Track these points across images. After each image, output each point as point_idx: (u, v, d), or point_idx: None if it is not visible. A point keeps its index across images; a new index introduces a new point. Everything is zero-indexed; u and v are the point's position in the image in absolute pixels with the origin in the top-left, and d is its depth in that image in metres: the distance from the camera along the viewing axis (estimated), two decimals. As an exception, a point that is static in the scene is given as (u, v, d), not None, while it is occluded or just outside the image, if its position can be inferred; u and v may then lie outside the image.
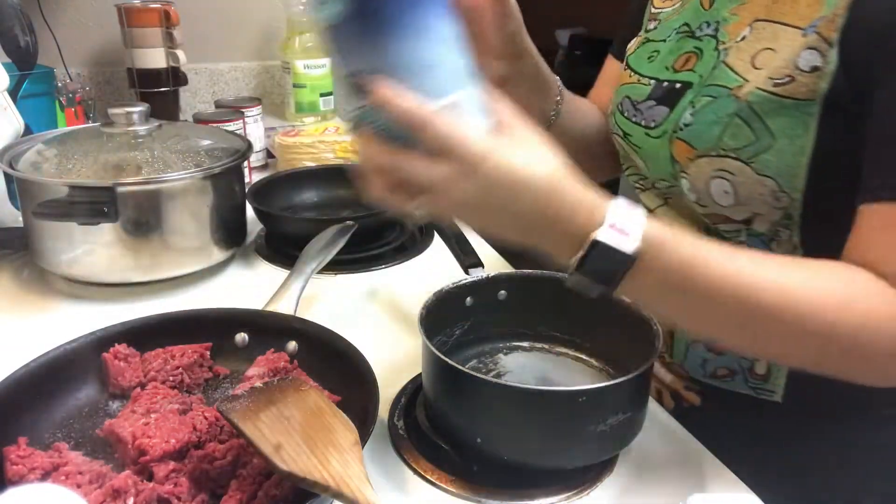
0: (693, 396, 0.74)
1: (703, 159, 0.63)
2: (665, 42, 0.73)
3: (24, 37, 1.08)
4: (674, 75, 0.69)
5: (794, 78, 0.57)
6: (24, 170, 0.84)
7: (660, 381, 0.78)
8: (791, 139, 0.58)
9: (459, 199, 0.48)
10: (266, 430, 0.48)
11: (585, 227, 0.48)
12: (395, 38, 0.47)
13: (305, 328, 0.66)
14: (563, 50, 4.12)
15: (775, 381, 0.68)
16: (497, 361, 0.70)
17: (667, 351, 0.77)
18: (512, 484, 0.56)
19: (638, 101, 0.72)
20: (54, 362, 0.60)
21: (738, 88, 0.61)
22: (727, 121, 0.61)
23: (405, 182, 0.48)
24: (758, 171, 0.60)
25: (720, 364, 0.71)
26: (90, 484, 0.50)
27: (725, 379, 0.71)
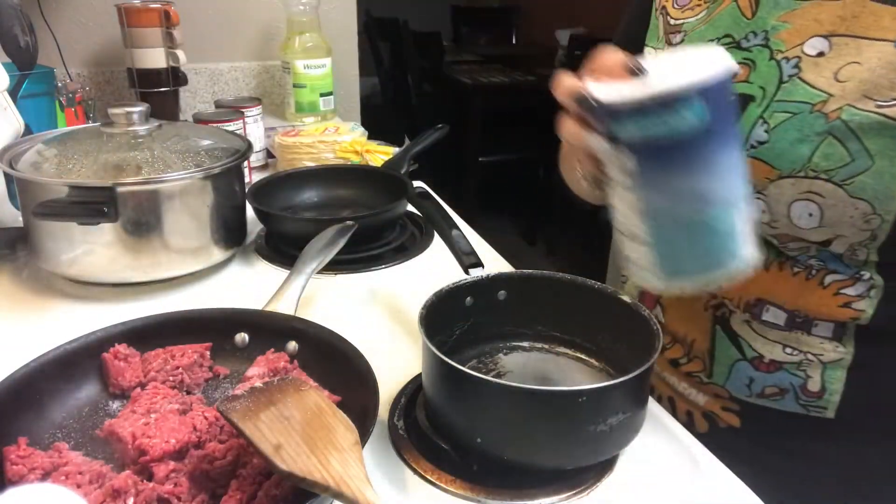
0: (732, 417, 0.72)
1: (786, 181, 0.60)
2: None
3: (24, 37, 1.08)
4: None
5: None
6: (24, 170, 0.84)
7: (691, 402, 0.76)
8: (892, 160, 0.56)
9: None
10: (266, 430, 0.48)
11: None
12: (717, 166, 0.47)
13: (305, 328, 0.66)
14: (563, 50, 4.12)
15: (829, 397, 0.66)
16: (497, 361, 0.70)
17: (703, 371, 0.74)
18: (512, 484, 0.56)
19: None
20: (54, 362, 0.60)
21: (822, 104, 0.58)
22: (817, 140, 0.58)
23: None
24: (851, 194, 0.57)
25: (769, 382, 0.69)
26: (90, 484, 0.50)
27: (774, 398, 0.69)
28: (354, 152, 1.26)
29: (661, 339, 0.59)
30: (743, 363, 0.70)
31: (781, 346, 0.67)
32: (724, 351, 0.71)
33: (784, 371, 0.68)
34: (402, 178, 1.11)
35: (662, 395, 0.80)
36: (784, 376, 0.68)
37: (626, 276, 0.83)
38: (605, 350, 0.69)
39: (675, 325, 0.77)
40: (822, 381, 0.66)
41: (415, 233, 1.07)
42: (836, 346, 0.65)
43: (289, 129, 1.34)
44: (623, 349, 0.66)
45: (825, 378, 0.66)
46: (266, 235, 1.04)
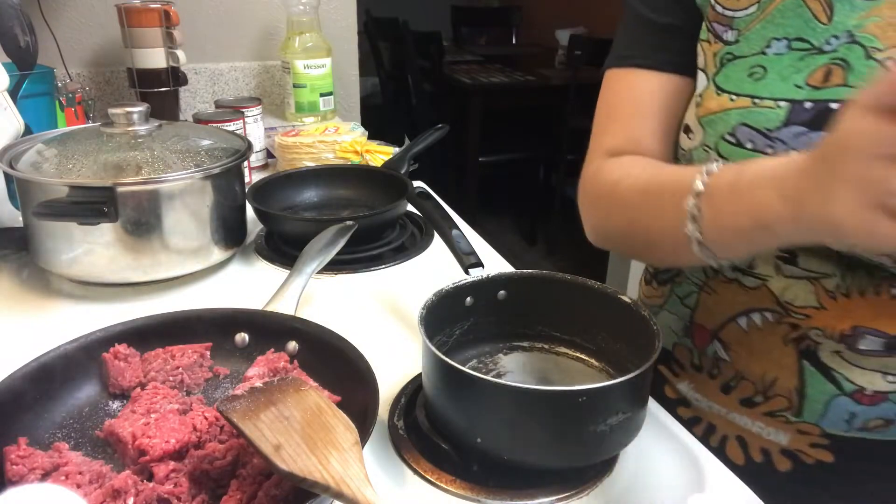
0: (823, 453, 0.67)
1: None
2: (766, 55, 0.62)
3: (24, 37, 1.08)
4: (816, 93, 0.58)
5: None
6: (24, 170, 0.84)
7: (769, 442, 0.70)
8: None
9: None
10: (266, 430, 0.48)
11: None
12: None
13: (305, 328, 0.66)
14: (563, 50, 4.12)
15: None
16: (497, 361, 0.70)
17: (789, 410, 0.68)
18: (512, 484, 0.56)
19: (771, 129, 0.59)
20: (54, 362, 0.60)
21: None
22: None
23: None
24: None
25: (874, 415, 0.64)
26: (90, 484, 0.50)
27: (879, 430, 0.65)
28: (354, 152, 1.26)
29: (661, 339, 0.59)
30: (842, 398, 0.64)
31: (882, 374, 0.63)
32: (818, 387, 0.65)
33: (889, 402, 0.63)
34: (402, 178, 1.11)
35: (729, 434, 0.73)
36: (890, 407, 0.63)
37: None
38: (605, 350, 0.69)
39: (743, 363, 0.70)
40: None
41: (415, 233, 1.07)
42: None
43: (289, 129, 1.34)
44: (623, 349, 0.66)
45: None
46: (266, 235, 1.04)
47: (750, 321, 0.68)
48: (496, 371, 0.69)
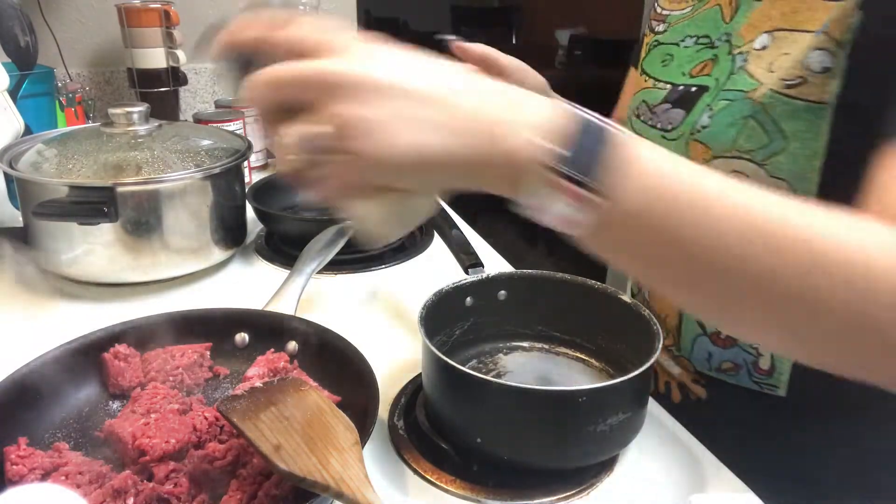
0: (699, 389, 0.75)
1: (718, 160, 0.64)
2: (679, 46, 0.74)
3: (24, 37, 1.08)
4: (689, 80, 0.70)
5: (805, 79, 0.58)
6: (24, 170, 0.84)
7: (668, 373, 0.79)
8: (803, 142, 0.59)
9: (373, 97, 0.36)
10: (266, 430, 0.48)
11: (550, 102, 0.38)
12: None
13: (305, 328, 0.66)
14: (563, 50, 4.12)
15: (779, 376, 0.68)
16: (497, 361, 0.70)
17: (674, 344, 0.77)
18: (512, 484, 0.56)
19: (654, 105, 0.73)
20: (54, 362, 0.60)
21: (752, 91, 0.61)
22: (742, 123, 0.62)
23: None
24: (771, 174, 0.60)
25: (725, 358, 0.71)
26: (90, 484, 0.50)
27: (730, 373, 0.71)
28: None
29: (661, 339, 0.59)
30: (703, 338, 0.73)
31: None
32: (689, 326, 0.75)
33: (738, 347, 0.70)
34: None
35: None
36: (738, 352, 0.70)
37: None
38: (605, 350, 0.69)
39: (656, 302, 0.82)
40: (772, 359, 0.68)
41: (415, 233, 1.07)
42: None
43: (289, 129, 1.34)
44: (623, 349, 0.66)
45: (775, 357, 0.68)
46: (266, 235, 1.04)
47: None
48: (496, 371, 0.69)
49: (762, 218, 0.37)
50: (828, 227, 0.37)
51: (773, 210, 0.38)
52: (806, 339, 0.40)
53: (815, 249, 0.37)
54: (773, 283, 0.37)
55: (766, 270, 0.37)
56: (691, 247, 0.37)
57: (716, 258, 0.37)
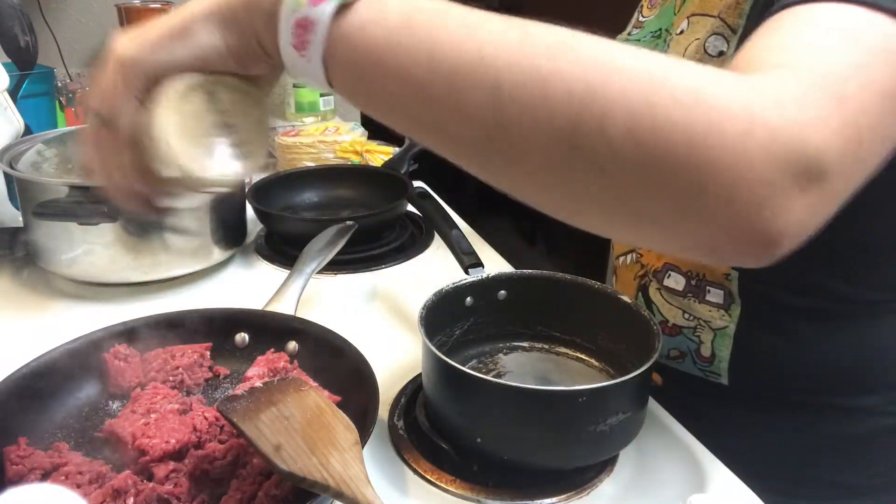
0: (656, 376, 0.75)
1: None
2: (639, 42, 0.76)
3: (24, 37, 1.08)
4: None
5: (702, 63, 0.58)
6: (24, 170, 0.84)
7: None
8: None
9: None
10: (266, 430, 0.48)
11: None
12: None
13: (305, 328, 0.66)
14: (563, 50, 4.12)
15: (720, 364, 0.69)
16: (497, 361, 0.70)
17: None
18: (512, 484, 0.56)
19: None
20: (54, 362, 0.60)
21: None
22: None
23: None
24: None
25: (672, 345, 0.72)
26: (90, 484, 0.50)
27: (678, 360, 0.72)
28: (354, 152, 1.26)
29: (661, 339, 0.59)
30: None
31: (682, 312, 0.71)
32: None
33: (683, 335, 0.71)
34: (402, 178, 1.11)
35: None
36: (682, 340, 0.72)
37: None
38: (605, 350, 0.69)
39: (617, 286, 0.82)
40: (712, 347, 0.69)
41: (415, 233, 1.07)
42: (723, 314, 0.67)
43: (289, 129, 1.34)
44: (623, 349, 0.66)
45: (714, 345, 0.69)
46: (266, 235, 1.04)
47: (625, 259, 0.79)
48: (496, 371, 0.69)
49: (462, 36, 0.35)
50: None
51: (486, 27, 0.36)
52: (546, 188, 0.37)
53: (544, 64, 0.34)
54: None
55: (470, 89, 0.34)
56: (414, 75, 0.35)
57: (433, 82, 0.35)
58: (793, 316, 0.65)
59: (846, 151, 0.34)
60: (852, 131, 0.34)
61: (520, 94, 0.33)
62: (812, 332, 0.65)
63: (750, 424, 0.70)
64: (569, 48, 0.35)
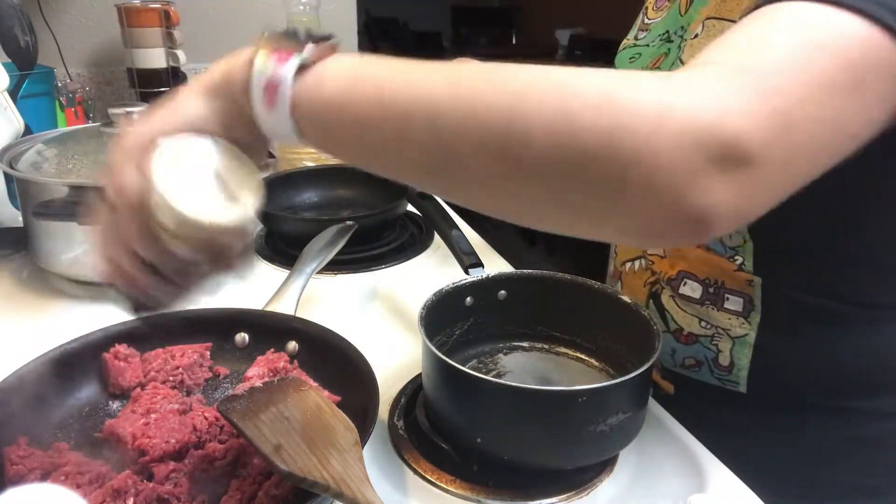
0: (668, 385, 0.75)
1: None
2: (648, 47, 0.76)
3: (24, 37, 1.08)
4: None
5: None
6: (24, 170, 0.84)
7: None
8: None
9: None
10: (266, 430, 0.48)
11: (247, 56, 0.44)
12: None
13: (305, 328, 0.66)
14: (563, 50, 4.12)
15: (738, 372, 0.68)
16: (497, 361, 0.70)
17: None
18: (512, 484, 0.56)
19: None
20: (54, 362, 0.59)
21: None
22: None
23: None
24: None
25: (687, 354, 0.72)
26: (90, 484, 0.50)
27: (694, 369, 0.72)
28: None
29: (661, 339, 0.59)
30: (667, 335, 0.73)
31: (698, 320, 0.70)
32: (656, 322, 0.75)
33: (699, 344, 0.70)
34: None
35: None
36: (699, 349, 0.71)
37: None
38: (605, 350, 0.69)
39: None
40: (731, 356, 0.68)
41: (415, 233, 1.07)
42: (743, 321, 0.67)
43: (289, 129, 1.34)
44: (623, 349, 0.66)
45: (734, 353, 0.68)
46: (266, 235, 1.04)
47: (632, 265, 0.78)
48: (496, 371, 0.69)
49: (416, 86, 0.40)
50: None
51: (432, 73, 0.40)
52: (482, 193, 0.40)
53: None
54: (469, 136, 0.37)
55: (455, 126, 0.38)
56: (376, 129, 0.41)
57: (398, 133, 0.40)
58: (812, 321, 0.65)
59: (775, 138, 0.35)
60: (782, 119, 0.35)
61: (453, 123, 0.38)
62: (830, 337, 0.65)
63: (763, 430, 0.70)
64: (490, 77, 0.39)
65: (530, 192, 0.38)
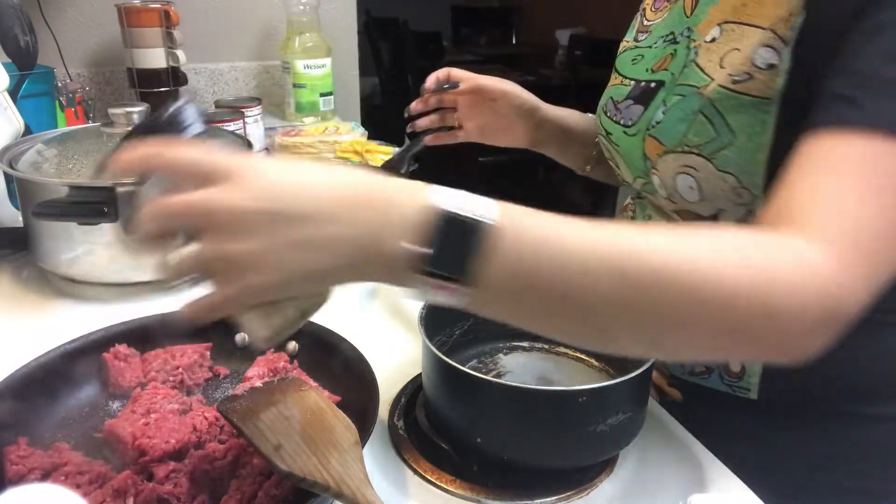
0: (675, 392, 0.75)
1: (669, 155, 0.65)
2: (651, 48, 0.75)
3: (24, 37, 1.08)
4: (651, 75, 0.72)
5: (751, 75, 0.59)
6: (24, 170, 0.84)
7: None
8: (750, 136, 0.60)
9: (236, 216, 0.38)
10: (266, 430, 0.48)
11: (417, 200, 0.39)
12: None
13: (305, 328, 0.66)
14: (563, 50, 4.12)
15: (749, 378, 0.68)
16: (497, 361, 0.70)
17: None
18: (512, 484, 0.56)
19: (618, 101, 0.75)
20: (54, 362, 0.60)
21: (704, 87, 0.62)
22: (692, 118, 0.63)
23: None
24: (718, 167, 0.61)
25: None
26: (90, 484, 0.50)
27: (703, 376, 0.72)
28: (354, 152, 1.26)
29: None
30: None
31: None
32: None
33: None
34: (402, 177, 1.10)
35: None
36: None
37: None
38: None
39: None
40: (742, 362, 0.69)
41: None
42: None
43: (289, 129, 1.34)
44: (623, 349, 0.66)
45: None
46: (266, 235, 1.04)
47: None
48: (496, 371, 0.69)
49: (618, 272, 0.40)
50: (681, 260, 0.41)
51: (626, 260, 0.41)
52: (669, 348, 0.45)
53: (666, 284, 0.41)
54: (639, 316, 0.42)
55: (631, 305, 0.41)
56: (563, 306, 0.41)
57: (584, 309, 0.41)
58: None
59: (865, 291, 0.43)
60: (872, 270, 0.44)
61: (624, 318, 0.42)
62: (843, 341, 0.65)
63: (771, 435, 0.70)
64: (658, 278, 0.41)
65: (707, 344, 0.44)
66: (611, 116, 0.76)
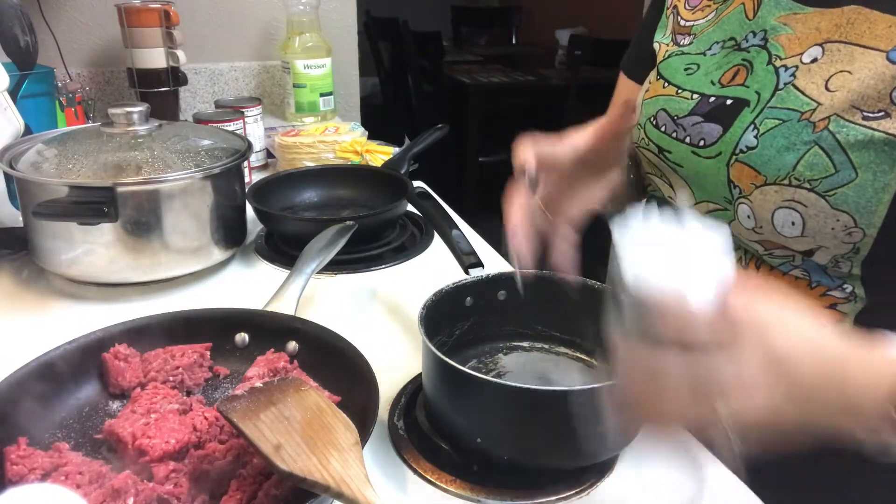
0: None
1: (771, 187, 0.60)
2: (706, 55, 0.70)
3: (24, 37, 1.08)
4: (722, 90, 0.66)
5: (889, 114, 0.54)
6: (24, 170, 0.84)
7: None
8: (875, 175, 0.55)
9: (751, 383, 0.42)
10: (266, 430, 0.48)
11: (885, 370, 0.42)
12: None
13: (305, 328, 0.66)
14: (563, 50, 4.12)
15: None
16: (497, 361, 0.70)
17: None
18: (512, 484, 0.56)
19: (679, 116, 0.68)
20: (54, 362, 0.60)
21: (810, 113, 0.58)
22: (803, 149, 0.58)
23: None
24: (833, 205, 0.57)
25: None
26: (90, 484, 0.50)
27: None
28: (354, 152, 1.26)
29: (661, 339, 0.59)
30: None
31: None
32: None
33: None
34: (402, 178, 1.11)
35: None
36: None
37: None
38: (605, 350, 0.69)
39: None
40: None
41: (415, 233, 1.07)
42: None
43: (289, 129, 1.34)
44: (623, 349, 0.66)
45: None
46: (266, 235, 1.04)
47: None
48: (496, 371, 0.69)
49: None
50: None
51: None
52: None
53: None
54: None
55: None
56: None
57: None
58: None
59: None
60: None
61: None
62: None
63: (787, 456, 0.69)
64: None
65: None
66: (668, 132, 0.69)
